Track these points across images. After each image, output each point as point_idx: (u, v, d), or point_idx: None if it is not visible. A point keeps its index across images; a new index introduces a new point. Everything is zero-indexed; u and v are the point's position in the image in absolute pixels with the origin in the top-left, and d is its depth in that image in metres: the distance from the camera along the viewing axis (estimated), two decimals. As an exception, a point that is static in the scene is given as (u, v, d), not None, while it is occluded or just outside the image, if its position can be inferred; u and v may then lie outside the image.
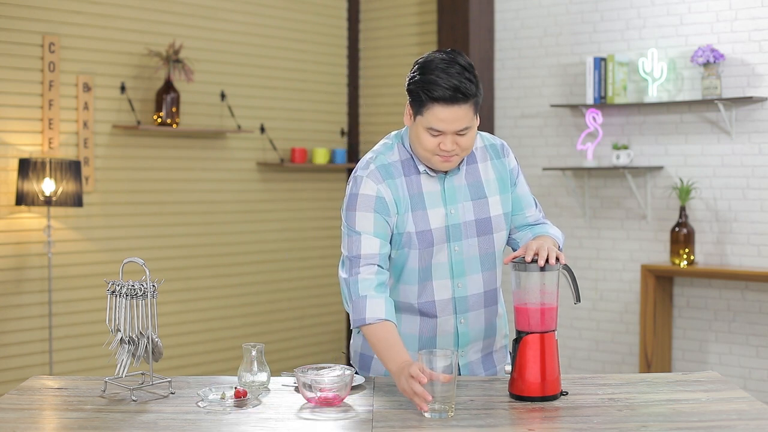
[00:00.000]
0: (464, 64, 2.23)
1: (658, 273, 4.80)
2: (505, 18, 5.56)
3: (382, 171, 2.33)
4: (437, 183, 2.35)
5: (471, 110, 2.24)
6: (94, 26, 4.84)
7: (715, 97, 4.67)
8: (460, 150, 2.27)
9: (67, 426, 1.97)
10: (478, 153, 2.42)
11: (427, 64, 2.23)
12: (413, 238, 2.31)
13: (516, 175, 2.46)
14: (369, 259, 2.27)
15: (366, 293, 2.23)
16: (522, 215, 2.45)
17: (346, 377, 2.10)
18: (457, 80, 2.19)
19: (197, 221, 5.35)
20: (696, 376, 2.37)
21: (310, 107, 5.97)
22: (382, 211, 2.29)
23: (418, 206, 2.32)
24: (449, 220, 2.34)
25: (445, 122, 2.21)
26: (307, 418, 2.01)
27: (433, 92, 2.19)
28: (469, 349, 2.41)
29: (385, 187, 2.31)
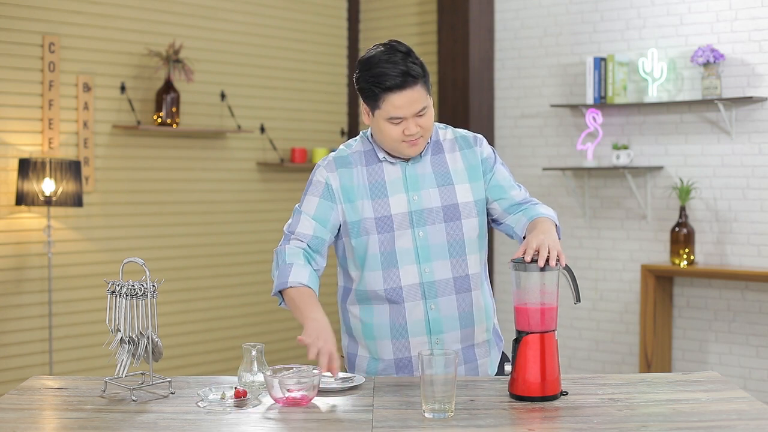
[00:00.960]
0: (404, 50, 2.32)
1: (658, 273, 4.80)
2: (505, 18, 5.56)
3: (337, 161, 2.43)
4: (399, 170, 2.41)
5: (423, 90, 2.32)
6: (94, 26, 4.84)
7: (715, 97, 4.67)
8: (423, 131, 2.35)
9: (67, 426, 1.97)
10: (447, 144, 2.46)
11: (370, 60, 2.32)
12: (372, 224, 2.37)
13: (492, 163, 2.48)
14: (301, 236, 2.41)
15: (292, 261, 2.37)
16: (507, 198, 2.46)
17: (313, 378, 2.10)
18: (403, 65, 2.28)
19: (197, 221, 5.35)
20: (696, 376, 2.37)
21: (310, 107, 5.98)
22: (327, 198, 2.41)
23: (378, 194, 2.39)
24: (412, 206, 2.39)
25: (402, 108, 2.29)
26: (307, 418, 2.01)
27: (384, 83, 2.28)
28: (446, 338, 2.41)
29: (335, 176, 2.41)
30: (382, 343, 2.43)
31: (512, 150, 5.56)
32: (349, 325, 2.51)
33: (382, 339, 2.42)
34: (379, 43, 2.36)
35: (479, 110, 5.55)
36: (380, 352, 2.44)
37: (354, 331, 2.49)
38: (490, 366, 2.50)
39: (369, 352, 2.47)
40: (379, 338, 2.43)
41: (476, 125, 5.47)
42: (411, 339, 2.41)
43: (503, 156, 5.56)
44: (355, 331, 2.48)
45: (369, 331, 2.45)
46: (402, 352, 2.42)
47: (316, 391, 2.12)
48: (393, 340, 2.42)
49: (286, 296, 2.34)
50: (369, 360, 2.47)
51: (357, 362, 2.49)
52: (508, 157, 5.55)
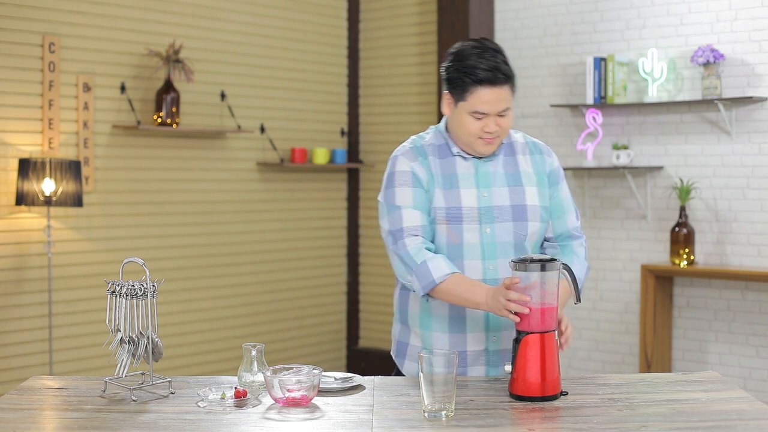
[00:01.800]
0: (497, 48, 2.35)
1: (658, 273, 4.80)
2: (505, 18, 5.56)
3: (415, 151, 2.44)
4: (471, 166, 2.43)
5: (510, 92, 2.34)
6: (94, 26, 4.84)
7: (715, 97, 4.67)
8: (501, 131, 2.36)
9: (67, 426, 1.97)
10: (519, 146, 2.49)
11: (463, 51, 2.35)
12: (442, 213, 2.38)
13: (558, 177, 2.50)
14: (412, 230, 2.36)
15: (423, 258, 2.32)
16: (562, 220, 2.48)
17: (313, 378, 2.10)
18: (496, 62, 2.30)
19: (197, 221, 5.35)
20: (696, 376, 2.37)
21: (310, 107, 5.97)
22: (418, 185, 2.40)
23: (450, 185, 2.41)
24: (481, 202, 2.40)
25: (488, 104, 2.31)
26: (307, 418, 2.01)
27: (476, 75, 2.29)
28: (503, 336, 2.42)
29: (418, 165, 2.41)
30: (438, 335, 2.43)
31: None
32: (405, 313, 2.50)
33: (439, 331, 2.43)
34: (471, 39, 2.39)
35: None
36: (435, 344, 2.44)
37: (410, 320, 2.49)
38: None
39: (422, 342, 2.47)
40: (435, 330, 2.44)
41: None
42: (468, 334, 2.42)
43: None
44: (411, 320, 2.48)
45: (427, 322, 2.45)
46: (457, 346, 2.42)
47: (316, 391, 2.12)
48: (450, 334, 2.43)
49: (439, 293, 2.32)
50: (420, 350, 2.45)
51: (408, 351, 2.50)
52: (508, 157, 5.54)
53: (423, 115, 5.89)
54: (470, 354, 2.42)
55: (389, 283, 6.11)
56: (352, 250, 6.26)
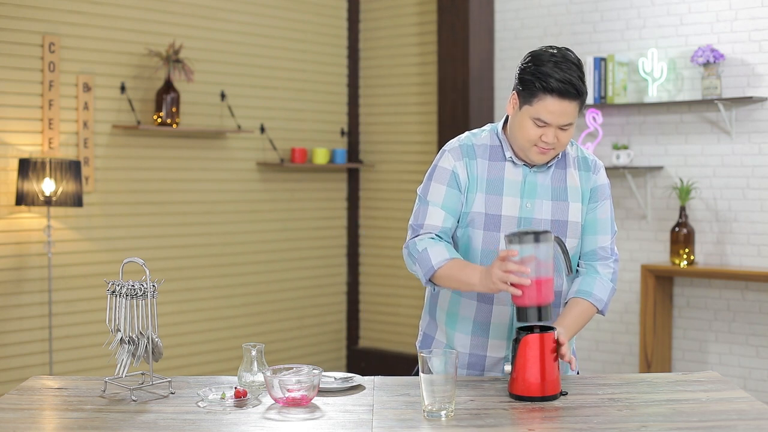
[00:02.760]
0: (576, 62, 2.30)
1: (658, 273, 4.80)
2: (505, 18, 5.56)
3: (463, 149, 2.40)
4: (520, 174, 2.39)
5: (577, 108, 2.30)
6: (94, 26, 4.84)
7: (715, 97, 4.67)
8: (558, 145, 2.32)
9: (67, 426, 1.97)
10: (570, 160, 2.44)
11: (541, 56, 2.29)
12: (481, 219, 2.36)
13: (601, 196, 2.44)
14: (430, 228, 2.36)
15: (425, 246, 2.33)
16: (592, 238, 2.43)
17: (313, 378, 2.10)
18: (571, 76, 2.25)
19: (197, 221, 5.35)
20: (696, 376, 2.37)
21: (310, 107, 5.97)
22: (454, 186, 2.38)
23: (494, 190, 2.37)
24: (523, 213, 2.37)
25: (553, 114, 2.27)
26: (307, 418, 2.01)
27: (548, 83, 2.24)
28: None
29: (461, 165, 2.38)
30: (461, 336, 2.44)
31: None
32: (434, 308, 2.50)
33: (462, 332, 2.43)
34: (554, 46, 2.34)
35: (479, 110, 5.55)
36: (457, 343, 2.45)
37: (438, 316, 2.50)
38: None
39: (447, 339, 2.48)
40: (459, 330, 2.44)
41: (476, 125, 5.47)
42: (490, 340, 2.42)
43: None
44: (439, 317, 2.49)
45: (453, 321, 2.45)
46: (478, 350, 2.43)
47: (316, 391, 2.12)
48: (473, 336, 2.43)
49: (438, 279, 2.32)
50: (444, 347, 2.47)
51: (433, 345, 2.50)
52: (508, 157, 5.54)
53: (423, 115, 5.89)
54: (489, 359, 2.42)
55: (389, 283, 6.11)
56: (352, 250, 6.26)
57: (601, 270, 2.44)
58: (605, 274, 2.44)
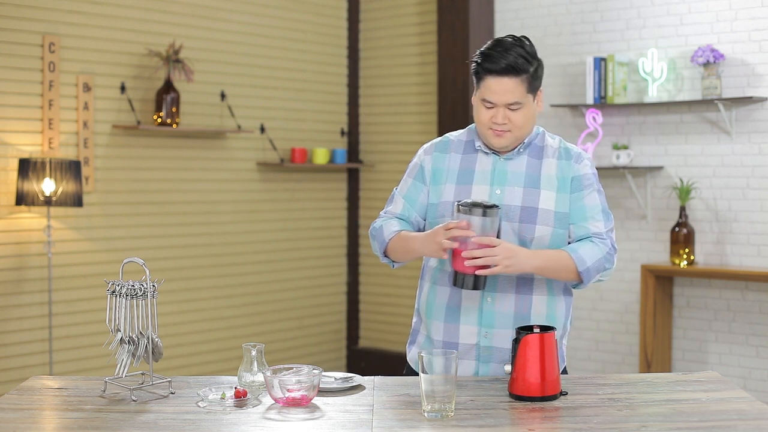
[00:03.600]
0: (514, 42, 2.40)
1: (658, 273, 4.80)
2: (505, 18, 5.56)
3: (437, 145, 2.55)
4: (490, 163, 2.47)
5: (522, 86, 2.38)
6: (94, 26, 4.84)
7: (715, 97, 4.67)
8: (512, 126, 2.40)
9: (67, 426, 1.97)
10: (549, 151, 2.48)
11: (490, 43, 2.42)
12: (450, 208, 2.43)
13: (584, 184, 2.45)
14: (390, 214, 2.56)
15: (381, 224, 2.53)
16: (582, 226, 2.43)
17: (313, 378, 2.10)
18: (512, 55, 2.35)
19: (197, 221, 5.35)
20: (696, 376, 2.37)
21: (310, 107, 5.97)
22: (419, 179, 2.53)
23: (464, 180, 2.46)
24: (493, 199, 2.42)
25: (496, 93, 2.37)
26: (307, 418, 2.01)
27: (485, 63, 2.37)
28: (496, 334, 2.42)
29: (429, 158, 2.53)
30: (436, 323, 2.48)
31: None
32: (419, 301, 2.58)
33: (437, 319, 2.48)
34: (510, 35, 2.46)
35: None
36: (433, 332, 2.49)
37: (420, 308, 2.56)
38: None
39: (427, 330, 2.52)
40: (435, 318, 2.49)
41: (476, 125, 5.47)
42: (461, 326, 2.44)
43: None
44: (421, 308, 2.56)
45: (430, 309, 2.50)
46: (451, 337, 2.45)
47: (316, 391, 2.12)
48: (445, 323, 2.47)
49: (391, 253, 2.50)
50: (425, 338, 2.53)
51: (417, 339, 2.57)
52: (508, 157, 5.54)
53: (423, 115, 5.89)
54: (461, 347, 2.44)
55: (389, 283, 6.11)
56: (352, 250, 6.26)
57: (597, 242, 2.42)
58: (600, 246, 2.41)
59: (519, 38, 2.41)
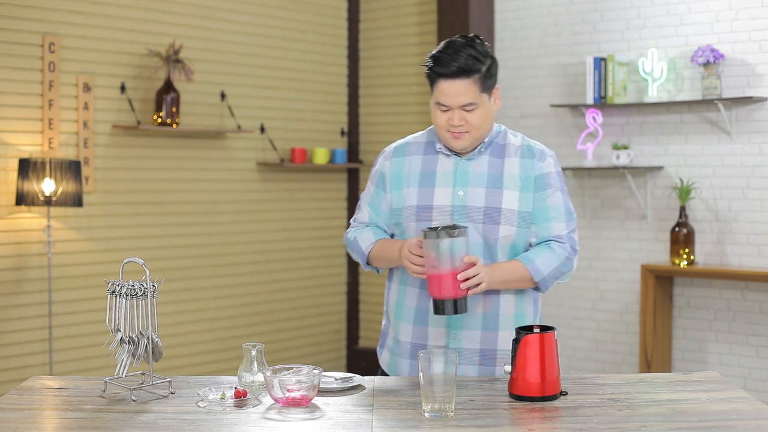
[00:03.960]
0: (468, 42, 2.37)
1: (658, 273, 4.80)
2: (505, 18, 5.56)
3: (396, 150, 2.54)
4: (451, 164, 2.45)
5: (475, 87, 2.35)
6: (94, 26, 4.84)
7: (715, 97, 4.67)
8: (469, 127, 2.38)
9: (67, 426, 1.97)
10: (511, 149, 2.47)
11: (441, 45, 2.40)
12: (413, 212, 2.43)
13: (546, 183, 2.43)
14: (359, 223, 2.57)
15: (354, 235, 2.53)
16: (545, 227, 2.43)
17: (313, 378, 2.10)
18: (462, 57, 2.33)
19: (197, 221, 5.35)
20: (696, 376, 2.37)
21: (310, 107, 5.97)
22: (380, 186, 2.52)
23: (426, 183, 2.44)
24: (456, 201, 2.41)
25: (449, 96, 2.35)
26: (307, 418, 2.01)
27: (436, 67, 2.35)
28: (465, 335, 2.42)
29: (389, 164, 2.52)
30: (405, 325, 2.47)
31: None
32: (387, 303, 2.57)
33: (405, 321, 2.47)
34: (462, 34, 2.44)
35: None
36: (401, 333, 2.48)
37: (389, 309, 2.56)
38: None
39: (395, 332, 2.52)
40: (403, 319, 2.48)
41: (476, 125, 5.47)
42: (430, 328, 2.43)
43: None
44: (390, 309, 2.55)
45: (399, 311, 2.50)
46: (420, 339, 2.45)
47: (316, 391, 2.12)
48: (414, 325, 2.46)
49: (374, 261, 2.51)
50: (393, 340, 2.52)
51: (386, 341, 2.56)
52: (508, 157, 5.54)
53: (423, 115, 5.89)
54: (431, 348, 2.43)
55: (389, 283, 6.10)
56: (352, 250, 6.25)
57: (555, 247, 2.42)
58: (558, 252, 2.41)
59: (470, 38, 2.39)
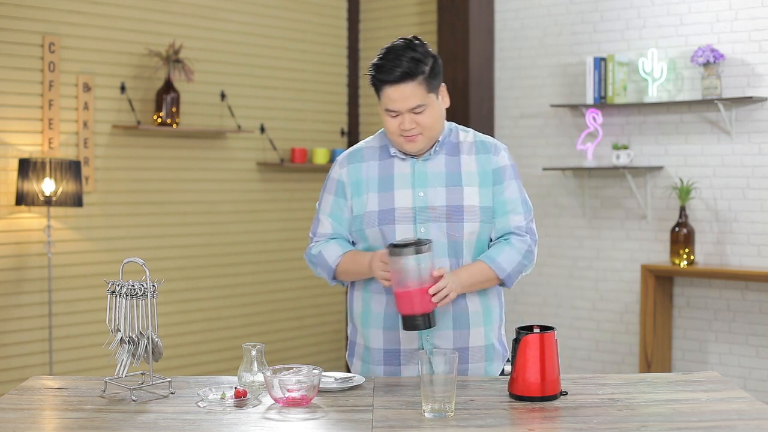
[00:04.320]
0: (414, 46, 2.35)
1: (658, 273, 4.80)
2: (505, 18, 5.56)
3: (350, 156, 2.51)
4: (408, 166, 2.44)
5: (420, 88, 2.34)
6: (94, 26, 4.84)
7: (715, 97, 4.67)
8: (421, 129, 2.37)
9: (67, 426, 1.97)
10: (465, 146, 2.47)
11: (382, 52, 2.38)
12: (375, 217, 2.41)
13: (503, 176, 2.45)
14: (321, 236, 2.52)
15: (319, 249, 2.50)
16: (504, 220, 2.44)
17: (313, 378, 2.10)
18: (404, 61, 2.31)
19: (197, 221, 5.35)
20: (696, 376, 2.37)
21: (310, 107, 5.97)
22: (340, 195, 2.49)
23: (385, 187, 2.43)
24: (416, 202, 2.41)
25: (396, 101, 2.34)
26: (307, 418, 2.01)
27: (379, 75, 2.34)
28: (436, 336, 2.41)
29: (345, 171, 2.49)
30: (375, 331, 2.46)
31: (512, 150, 5.55)
32: (352, 310, 2.55)
33: (375, 327, 2.45)
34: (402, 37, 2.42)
35: (479, 110, 5.55)
36: (372, 340, 2.47)
37: (354, 317, 2.54)
38: (486, 373, 2.48)
39: (364, 339, 2.50)
40: (372, 326, 2.46)
41: (476, 125, 5.47)
42: (402, 332, 2.42)
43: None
44: (356, 317, 2.53)
45: (366, 319, 2.48)
46: (391, 344, 2.44)
47: (316, 391, 2.12)
48: (384, 330, 2.44)
49: (341, 275, 2.49)
50: (363, 348, 2.51)
51: (355, 350, 2.54)
52: (508, 157, 5.54)
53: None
54: (404, 353, 2.43)
55: (389, 283, 6.10)
56: (352, 250, 6.25)
57: (515, 241, 2.43)
58: (518, 246, 2.43)
59: (409, 41, 2.37)
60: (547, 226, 5.42)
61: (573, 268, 5.33)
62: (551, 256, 5.41)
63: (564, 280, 5.37)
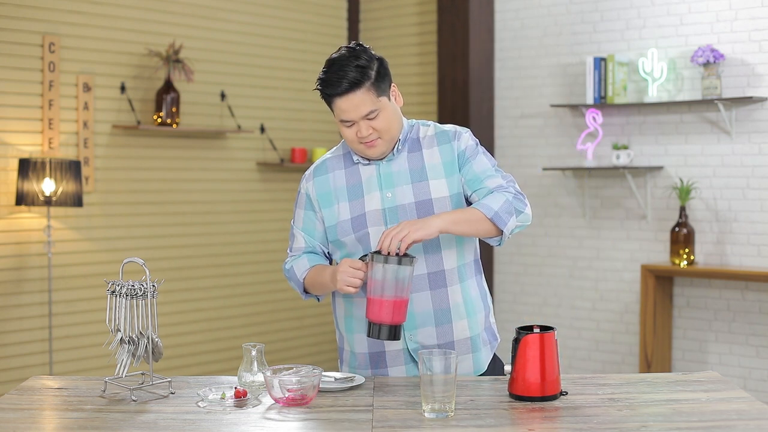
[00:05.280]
0: (356, 54, 2.33)
1: (658, 273, 4.80)
2: (505, 18, 5.56)
3: (315, 170, 2.50)
4: (373, 169, 2.44)
5: (370, 94, 2.33)
6: (94, 26, 4.84)
7: (715, 97, 4.67)
8: (379, 133, 2.36)
9: (67, 426, 1.97)
10: (425, 141, 2.46)
11: (326, 65, 2.37)
12: (348, 225, 2.41)
13: (470, 155, 2.43)
14: (296, 251, 2.52)
15: (291, 264, 2.49)
16: (483, 189, 2.40)
17: (313, 378, 2.10)
18: (349, 71, 2.30)
19: (197, 221, 5.35)
20: (696, 376, 2.37)
21: (310, 107, 5.97)
22: (309, 208, 2.49)
23: (355, 194, 2.43)
24: (385, 203, 2.40)
25: (348, 112, 2.33)
26: (307, 418, 2.01)
27: (326, 89, 2.34)
28: (420, 334, 2.40)
29: (312, 185, 2.48)
30: (358, 336, 2.45)
31: (512, 150, 5.56)
32: (336, 317, 2.54)
33: (358, 332, 2.45)
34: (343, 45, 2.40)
35: (479, 110, 5.55)
36: (356, 345, 2.46)
37: (339, 323, 2.53)
38: (475, 364, 2.46)
39: (349, 345, 2.50)
40: (356, 331, 2.46)
41: (476, 125, 5.47)
42: None
43: (503, 156, 5.55)
44: (340, 323, 2.52)
45: (350, 324, 2.48)
46: (375, 347, 2.43)
47: (316, 391, 2.12)
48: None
49: (311, 289, 2.47)
50: (350, 354, 2.50)
51: (343, 356, 2.53)
52: (508, 157, 5.55)
53: (423, 116, 5.89)
54: (389, 354, 2.42)
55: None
56: (352, 250, 6.25)
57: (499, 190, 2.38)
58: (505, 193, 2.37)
59: (352, 48, 2.35)
60: (547, 226, 5.42)
61: (573, 268, 5.33)
62: (551, 256, 5.41)
63: (564, 280, 5.37)
